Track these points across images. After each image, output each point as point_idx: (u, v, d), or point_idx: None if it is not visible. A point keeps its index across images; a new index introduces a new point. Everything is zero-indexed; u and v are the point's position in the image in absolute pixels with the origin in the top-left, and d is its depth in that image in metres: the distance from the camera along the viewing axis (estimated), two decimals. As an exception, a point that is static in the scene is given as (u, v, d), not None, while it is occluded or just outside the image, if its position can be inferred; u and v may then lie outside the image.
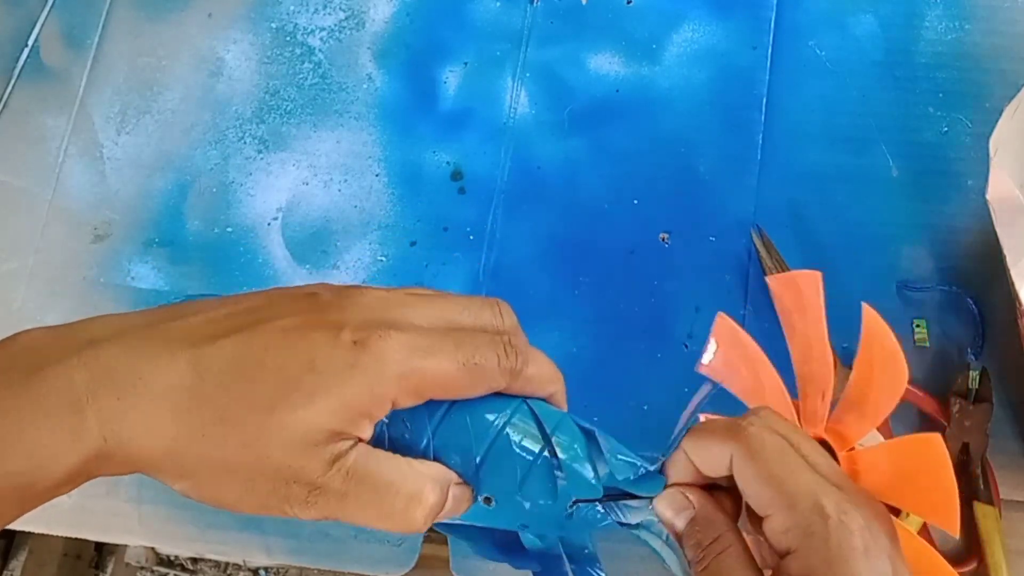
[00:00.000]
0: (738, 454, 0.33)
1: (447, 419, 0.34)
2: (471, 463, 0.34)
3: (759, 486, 0.32)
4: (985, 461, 0.53)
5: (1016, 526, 0.53)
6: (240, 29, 0.73)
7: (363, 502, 0.32)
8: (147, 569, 1.24)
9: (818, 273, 0.42)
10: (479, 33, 0.70)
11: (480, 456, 0.34)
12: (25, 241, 0.69)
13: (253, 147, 0.69)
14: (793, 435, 0.34)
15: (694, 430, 0.35)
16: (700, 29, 0.67)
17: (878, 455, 0.39)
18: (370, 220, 0.66)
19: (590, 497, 0.35)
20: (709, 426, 0.35)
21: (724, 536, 0.34)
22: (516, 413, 0.35)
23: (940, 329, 0.57)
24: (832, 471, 0.33)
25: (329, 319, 0.32)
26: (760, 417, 0.35)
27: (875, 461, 0.38)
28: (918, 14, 0.65)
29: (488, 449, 0.34)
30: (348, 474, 0.31)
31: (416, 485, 0.32)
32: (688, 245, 0.62)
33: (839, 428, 0.41)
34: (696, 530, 0.34)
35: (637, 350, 0.60)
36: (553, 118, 0.67)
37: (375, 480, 0.32)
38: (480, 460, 0.34)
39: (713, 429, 0.35)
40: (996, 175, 0.45)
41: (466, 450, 0.34)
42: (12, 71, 0.74)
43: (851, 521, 0.31)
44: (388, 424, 0.34)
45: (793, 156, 0.63)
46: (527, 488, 0.34)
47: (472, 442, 0.34)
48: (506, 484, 0.34)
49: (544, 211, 0.64)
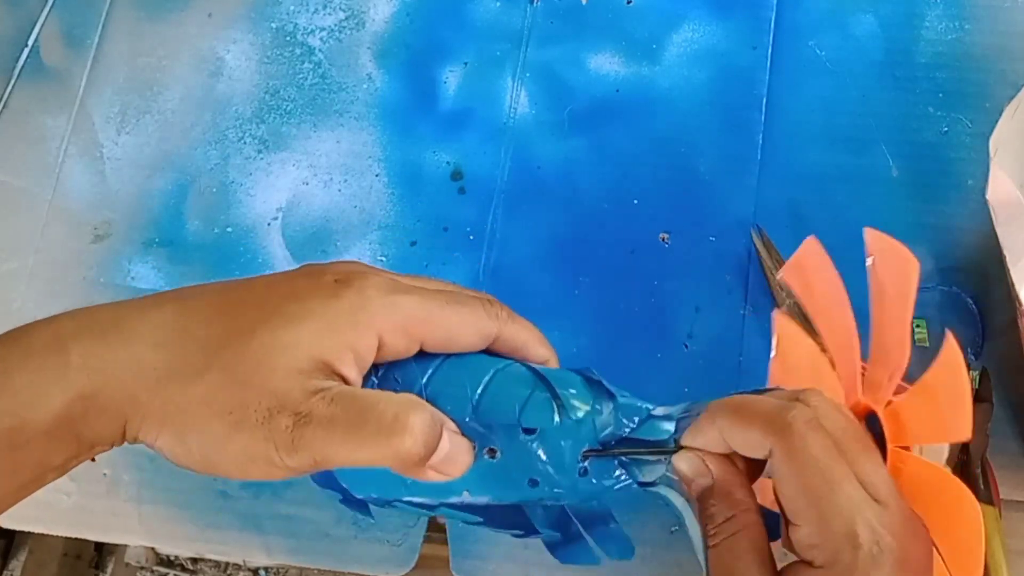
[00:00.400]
0: (778, 452, 0.30)
1: (439, 371, 0.33)
2: (466, 405, 0.32)
3: (795, 493, 0.30)
4: (985, 461, 0.53)
5: (1016, 526, 0.53)
6: (240, 29, 0.73)
7: (349, 428, 0.30)
8: (147, 569, 1.24)
9: (917, 262, 0.40)
10: (479, 33, 0.70)
11: (476, 397, 0.32)
12: (25, 241, 0.69)
13: (253, 147, 0.69)
14: (843, 434, 0.31)
15: (733, 405, 0.32)
16: (700, 29, 0.67)
17: (925, 472, 0.37)
18: (370, 220, 0.66)
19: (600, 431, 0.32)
20: (752, 406, 0.32)
21: (740, 516, 0.32)
22: (510, 365, 0.34)
23: (940, 329, 0.57)
24: (879, 481, 0.31)
25: (315, 269, 0.33)
26: (811, 407, 0.31)
27: (920, 476, 0.36)
28: (918, 14, 0.65)
29: (484, 389, 0.33)
30: (333, 400, 0.30)
31: (403, 406, 0.30)
32: (688, 245, 0.62)
33: (901, 416, 0.39)
34: (712, 503, 0.32)
35: (637, 350, 0.60)
36: (553, 118, 0.67)
37: (361, 404, 0.30)
38: (476, 401, 0.32)
39: (756, 413, 0.32)
40: (996, 175, 0.45)
41: (461, 394, 0.32)
42: (12, 71, 0.74)
43: (882, 556, 0.29)
44: (378, 382, 0.33)
45: (793, 156, 0.63)
46: (528, 416, 0.32)
47: (467, 386, 0.32)
48: (506, 417, 0.32)
49: (544, 211, 0.64)
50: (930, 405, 0.38)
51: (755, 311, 0.59)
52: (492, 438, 0.32)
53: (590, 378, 0.34)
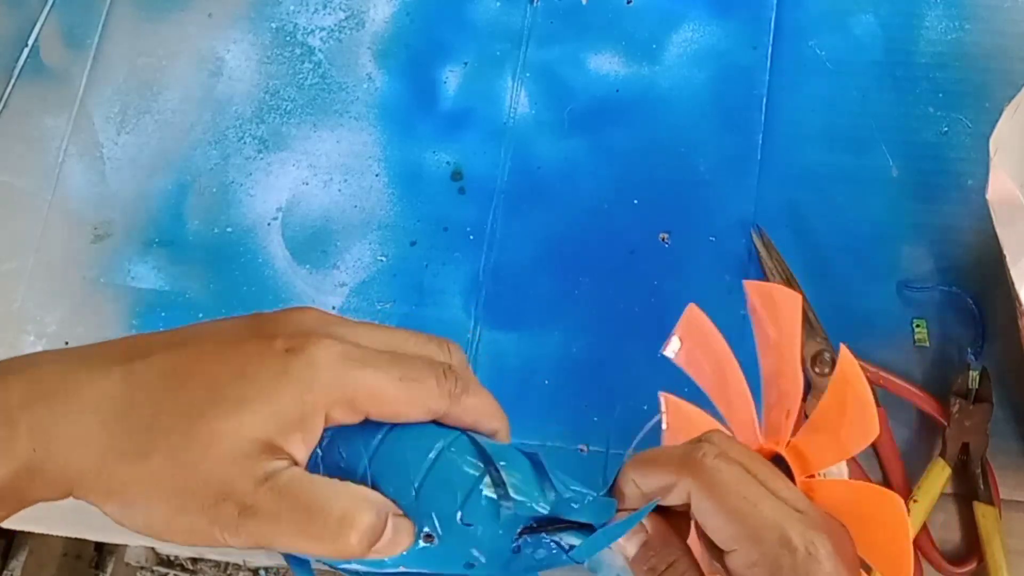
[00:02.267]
0: (696, 489, 0.32)
1: (383, 445, 0.33)
2: (409, 489, 0.32)
3: (721, 521, 0.32)
4: (985, 461, 0.53)
5: (1016, 526, 0.53)
6: (240, 29, 0.73)
7: (295, 523, 0.30)
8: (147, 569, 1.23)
9: (798, 296, 0.42)
10: (479, 33, 0.70)
11: (419, 481, 0.32)
12: (25, 241, 0.69)
13: (253, 147, 0.69)
14: (750, 461, 0.33)
15: (642, 459, 0.34)
16: (700, 29, 0.67)
17: (838, 491, 0.38)
18: (370, 220, 0.66)
19: (539, 516, 0.33)
20: (659, 456, 0.34)
21: (679, 561, 0.33)
22: (457, 441, 0.33)
23: (940, 329, 0.57)
24: (792, 496, 0.32)
25: (265, 330, 0.32)
26: (713, 444, 0.33)
27: (833, 496, 0.37)
28: (918, 14, 0.65)
29: (427, 472, 0.32)
30: (280, 493, 0.30)
31: (351, 504, 0.30)
32: (688, 245, 0.62)
33: (802, 450, 0.40)
34: (650, 555, 0.34)
35: (637, 350, 0.60)
36: (553, 118, 0.67)
37: (308, 499, 0.30)
38: (419, 485, 0.32)
39: (665, 460, 0.33)
40: (996, 175, 0.45)
41: (404, 475, 0.32)
42: (12, 71, 0.74)
43: (818, 552, 0.30)
44: (323, 454, 0.33)
45: (793, 156, 0.63)
46: (468, 510, 0.32)
47: (410, 467, 0.32)
48: (446, 508, 0.32)
49: (544, 211, 0.64)
50: (829, 428, 0.39)
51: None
52: (431, 523, 0.32)
53: (537, 463, 0.34)
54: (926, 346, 0.57)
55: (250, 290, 0.65)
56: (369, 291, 0.64)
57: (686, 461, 0.33)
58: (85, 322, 0.67)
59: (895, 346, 0.57)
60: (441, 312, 0.63)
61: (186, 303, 0.66)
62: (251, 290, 0.65)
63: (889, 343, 0.57)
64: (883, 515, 0.35)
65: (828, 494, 0.38)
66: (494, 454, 0.33)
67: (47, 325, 0.67)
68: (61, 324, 0.67)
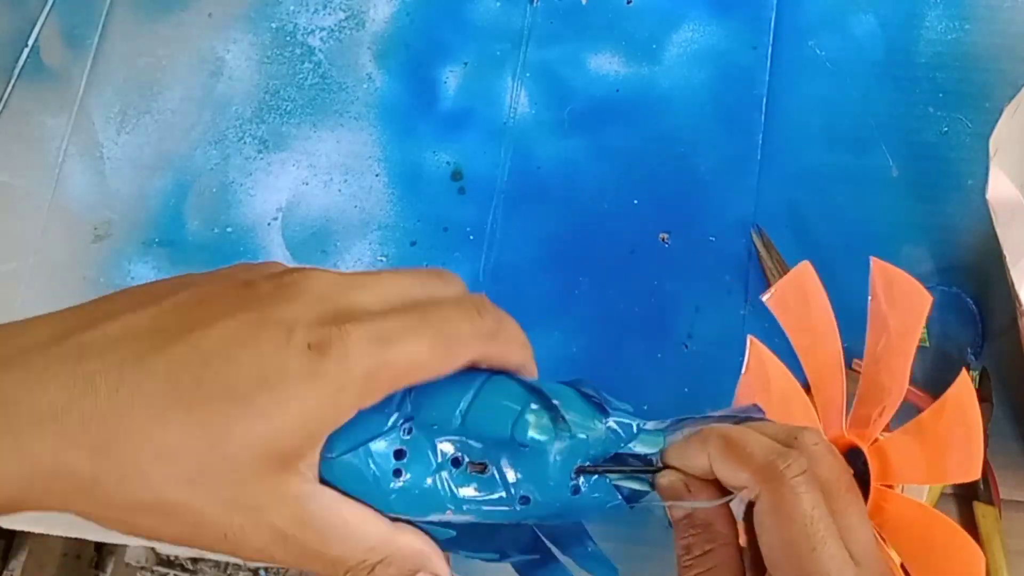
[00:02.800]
0: (766, 501, 0.30)
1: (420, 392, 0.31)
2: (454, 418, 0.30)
3: (775, 545, 0.30)
4: (985, 461, 0.53)
5: (1016, 526, 0.53)
6: (240, 29, 0.73)
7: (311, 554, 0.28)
8: (147, 569, 1.23)
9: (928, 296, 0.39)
10: (479, 33, 0.70)
11: (463, 408, 0.30)
12: (25, 241, 0.69)
13: (253, 147, 0.69)
14: (838, 483, 0.30)
15: (728, 438, 0.31)
16: (700, 29, 0.67)
17: (912, 512, 0.37)
18: (370, 220, 0.66)
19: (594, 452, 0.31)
20: (747, 444, 0.31)
21: (718, 551, 0.31)
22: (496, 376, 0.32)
23: (940, 329, 0.57)
24: (861, 539, 0.30)
25: (275, 316, 0.28)
26: (803, 455, 0.30)
27: (906, 516, 0.36)
28: (918, 14, 0.65)
29: (472, 402, 0.31)
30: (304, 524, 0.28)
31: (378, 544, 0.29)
32: (688, 245, 0.62)
33: (889, 455, 0.38)
34: (690, 532, 0.32)
35: (637, 350, 0.60)
36: (553, 118, 0.67)
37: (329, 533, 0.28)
38: (464, 411, 0.30)
39: (750, 453, 0.30)
40: (996, 175, 0.45)
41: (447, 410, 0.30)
42: (12, 71, 0.74)
43: None
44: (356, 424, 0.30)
45: (793, 156, 0.63)
46: (520, 430, 0.30)
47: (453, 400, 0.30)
48: (497, 431, 0.30)
49: (544, 211, 0.64)
50: (922, 445, 0.38)
51: (755, 311, 0.59)
52: (481, 452, 0.31)
53: (583, 392, 0.33)
54: (926, 346, 0.57)
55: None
56: (369, 291, 0.64)
57: (769, 467, 0.30)
58: (85, 322, 0.67)
59: (895, 346, 0.57)
60: (441, 312, 0.63)
61: (186, 303, 0.66)
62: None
63: (889, 343, 0.57)
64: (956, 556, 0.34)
65: (901, 511, 0.36)
66: (541, 388, 0.32)
67: (47, 325, 0.67)
68: (61, 324, 0.67)
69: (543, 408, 0.31)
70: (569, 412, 0.32)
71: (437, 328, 0.29)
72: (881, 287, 0.42)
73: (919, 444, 0.38)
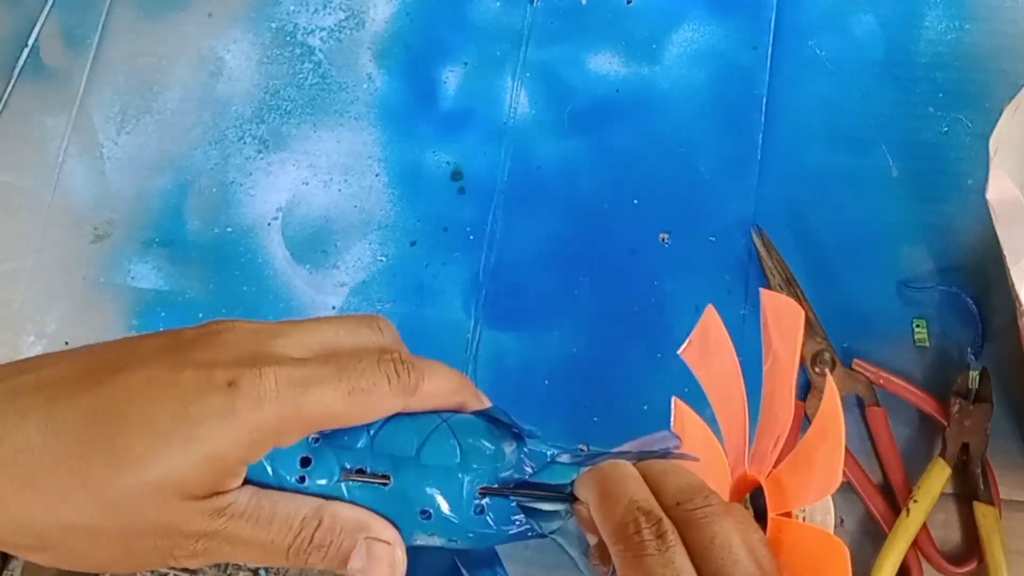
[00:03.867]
0: (616, 560, 0.29)
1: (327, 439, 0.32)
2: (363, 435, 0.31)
3: None
4: (985, 461, 0.53)
5: (1016, 526, 0.53)
6: (240, 29, 0.73)
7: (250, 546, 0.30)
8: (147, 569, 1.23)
9: (800, 311, 0.40)
10: (479, 33, 0.70)
11: (374, 429, 0.32)
12: (25, 241, 0.69)
13: (253, 147, 0.69)
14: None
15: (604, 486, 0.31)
16: (700, 29, 0.67)
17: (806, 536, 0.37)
18: (370, 220, 0.66)
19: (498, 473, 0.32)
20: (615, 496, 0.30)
21: None
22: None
23: (940, 329, 0.57)
24: None
25: (197, 358, 0.29)
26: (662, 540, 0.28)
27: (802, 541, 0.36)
28: (918, 14, 0.65)
29: (382, 425, 0.32)
30: (236, 518, 0.29)
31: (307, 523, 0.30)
32: (688, 245, 0.62)
33: (783, 483, 0.39)
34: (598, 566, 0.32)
35: (637, 350, 0.60)
36: (553, 118, 0.67)
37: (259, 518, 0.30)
38: (375, 432, 0.32)
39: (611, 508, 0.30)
40: (996, 175, 0.45)
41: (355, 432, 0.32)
42: (12, 71, 0.74)
43: None
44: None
45: (793, 156, 0.63)
46: (427, 451, 0.31)
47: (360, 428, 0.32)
48: (404, 449, 0.31)
49: (544, 211, 0.64)
50: (808, 465, 0.38)
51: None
52: (387, 465, 0.32)
53: (497, 420, 0.33)
54: (926, 346, 0.57)
55: (250, 290, 0.66)
56: (369, 291, 0.64)
57: (622, 532, 0.29)
58: (85, 322, 0.67)
59: (895, 346, 0.57)
60: (441, 312, 0.63)
61: (186, 303, 0.66)
62: (251, 290, 0.66)
63: (889, 343, 0.57)
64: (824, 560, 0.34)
65: (796, 538, 0.37)
66: (450, 420, 0.33)
67: (47, 325, 0.67)
68: (61, 324, 0.67)
69: (448, 432, 0.32)
70: (477, 439, 0.32)
71: (353, 382, 0.30)
72: (770, 316, 0.42)
73: (806, 461, 0.38)
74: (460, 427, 0.33)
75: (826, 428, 0.37)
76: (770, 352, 0.42)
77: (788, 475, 0.39)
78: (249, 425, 0.28)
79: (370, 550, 0.31)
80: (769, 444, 0.41)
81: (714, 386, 0.44)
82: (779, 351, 0.41)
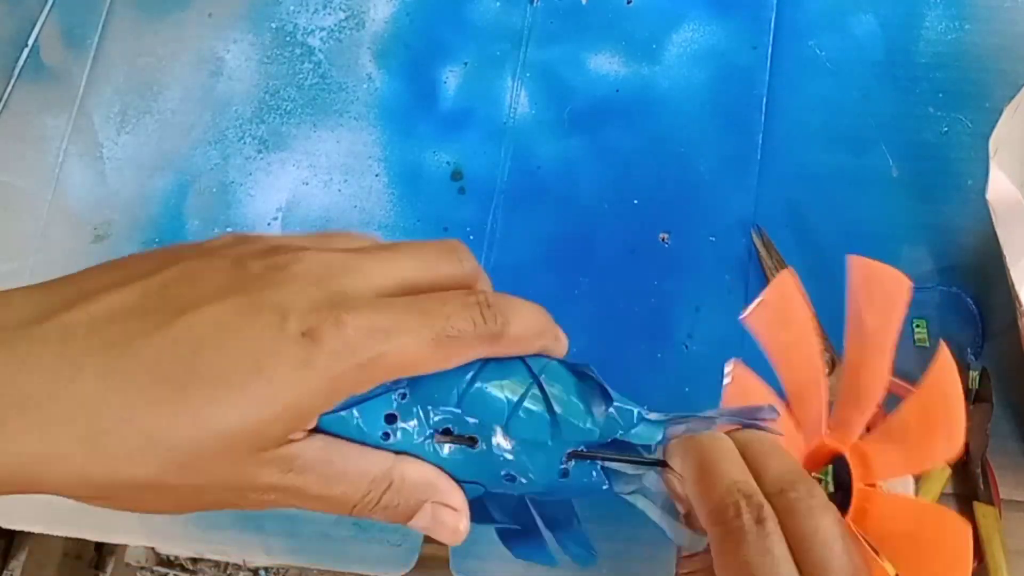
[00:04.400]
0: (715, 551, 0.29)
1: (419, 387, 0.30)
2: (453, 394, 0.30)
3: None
4: (985, 461, 0.53)
5: (1016, 526, 0.53)
6: (240, 29, 0.73)
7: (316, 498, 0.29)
8: (147, 569, 1.23)
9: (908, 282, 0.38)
10: (479, 33, 0.70)
11: (463, 386, 0.30)
12: (25, 241, 0.69)
13: (253, 147, 0.69)
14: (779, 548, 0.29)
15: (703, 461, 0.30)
16: (700, 29, 0.67)
17: (899, 508, 0.36)
18: (370, 220, 0.66)
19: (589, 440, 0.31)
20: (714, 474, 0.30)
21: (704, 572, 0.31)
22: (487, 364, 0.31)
23: (940, 329, 0.57)
24: None
25: (268, 300, 0.27)
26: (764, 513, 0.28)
27: (893, 512, 0.36)
28: (918, 14, 0.65)
29: (472, 378, 0.30)
30: (305, 473, 0.28)
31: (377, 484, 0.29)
32: (688, 245, 0.62)
33: (868, 454, 0.38)
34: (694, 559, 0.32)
35: (637, 350, 0.60)
36: (553, 118, 0.67)
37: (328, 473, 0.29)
38: (463, 389, 0.30)
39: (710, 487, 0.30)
40: (996, 175, 0.45)
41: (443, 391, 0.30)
42: (12, 71, 0.74)
43: None
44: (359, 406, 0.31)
45: (793, 156, 0.63)
46: (514, 424, 0.30)
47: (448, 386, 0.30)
48: (493, 416, 0.30)
49: (544, 211, 0.64)
50: (903, 434, 0.37)
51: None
52: (475, 428, 0.31)
53: (585, 376, 0.33)
54: (926, 346, 0.57)
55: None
56: (369, 291, 0.64)
57: (721, 514, 0.29)
58: (85, 322, 0.67)
59: (895, 346, 0.57)
60: (441, 312, 0.63)
61: (186, 303, 0.66)
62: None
63: (889, 343, 0.57)
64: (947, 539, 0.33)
65: (887, 508, 0.36)
66: (541, 371, 0.31)
67: (47, 325, 0.67)
68: (61, 324, 0.67)
69: (540, 398, 0.31)
70: (567, 400, 0.31)
71: (437, 329, 0.28)
72: (859, 283, 0.41)
73: (900, 434, 0.37)
74: (552, 383, 0.31)
75: (946, 394, 0.35)
76: (855, 321, 0.40)
77: (877, 446, 0.38)
78: (327, 376, 0.27)
79: (435, 515, 0.30)
80: (854, 412, 0.39)
81: (784, 353, 0.42)
82: (873, 321, 0.39)
